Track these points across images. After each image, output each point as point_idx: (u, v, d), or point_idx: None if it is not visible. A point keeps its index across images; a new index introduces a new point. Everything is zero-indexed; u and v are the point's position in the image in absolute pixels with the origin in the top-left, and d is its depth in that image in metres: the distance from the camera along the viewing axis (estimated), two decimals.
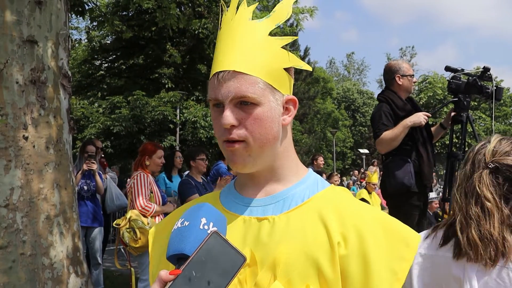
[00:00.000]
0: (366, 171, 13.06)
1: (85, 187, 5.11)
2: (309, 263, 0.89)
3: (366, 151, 33.70)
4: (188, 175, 5.05)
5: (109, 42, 19.15)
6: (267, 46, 0.95)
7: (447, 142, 4.36)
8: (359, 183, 15.22)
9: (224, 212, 0.99)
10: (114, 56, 19.57)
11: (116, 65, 19.66)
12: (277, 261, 0.89)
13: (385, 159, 3.81)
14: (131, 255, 4.34)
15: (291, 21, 20.49)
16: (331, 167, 32.13)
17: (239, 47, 0.94)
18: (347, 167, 38.43)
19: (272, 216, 0.96)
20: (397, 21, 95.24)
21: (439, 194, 7.04)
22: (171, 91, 17.04)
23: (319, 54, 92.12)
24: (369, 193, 8.63)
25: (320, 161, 8.49)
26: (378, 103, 3.92)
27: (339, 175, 13.11)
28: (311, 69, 1.03)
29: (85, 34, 16.60)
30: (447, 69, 3.88)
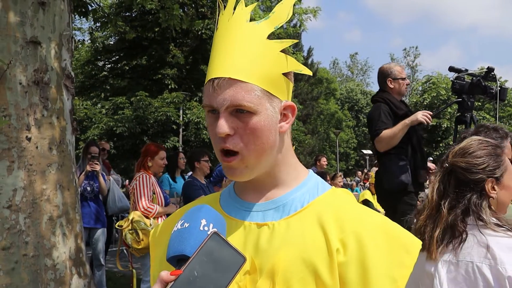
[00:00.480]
0: (369, 172, 13.03)
1: (88, 188, 5.10)
2: (308, 270, 0.88)
3: (369, 152, 33.59)
4: (192, 176, 5.05)
5: (112, 43, 19.19)
6: (265, 50, 0.91)
7: (451, 142, 4.35)
8: (362, 184, 15.19)
9: (224, 217, 0.97)
10: (117, 56, 19.60)
11: (119, 65, 19.68)
12: (276, 269, 0.89)
13: (381, 157, 3.82)
14: (133, 256, 4.34)
15: (294, 22, 20.51)
16: (334, 168, 32.11)
17: (236, 51, 0.90)
18: (350, 167, 38.42)
19: (272, 222, 0.94)
20: (400, 21, 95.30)
21: None
22: (174, 91, 17.06)
23: (323, 54, 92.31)
24: (373, 194, 8.57)
25: (323, 162, 8.47)
26: (374, 104, 3.96)
27: (342, 176, 13.08)
28: (311, 73, 0.99)
29: (88, 35, 16.69)
30: (451, 69, 3.87)
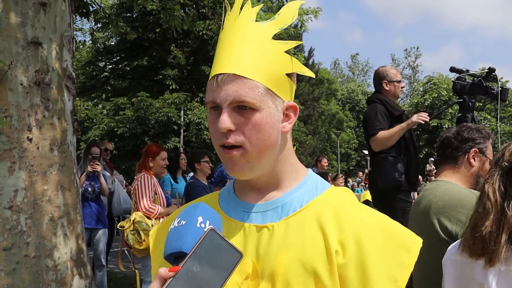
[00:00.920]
0: None
1: (90, 189, 5.10)
2: (308, 273, 0.88)
3: None
4: (193, 177, 5.06)
5: (113, 43, 19.24)
6: (270, 50, 0.93)
7: None
8: (363, 184, 15.18)
9: (224, 218, 0.98)
10: (118, 57, 19.65)
11: (120, 66, 19.72)
12: (277, 272, 0.89)
13: (375, 157, 3.85)
14: (135, 257, 4.34)
15: (295, 22, 20.52)
16: (335, 168, 32.10)
17: (241, 49, 0.92)
18: (351, 168, 38.39)
19: (271, 223, 0.94)
20: (401, 21, 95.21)
21: None
22: (175, 92, 17.10)
23: (323, 55, 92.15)
24: None
25: (324, 163, 8.46)
26: (369, 105, 4.01)
27: (344, 176, 13.06)
28: (314, 76, 1.01)
29: (89, 35, 16.66)
30: (452, 70, 3.87)
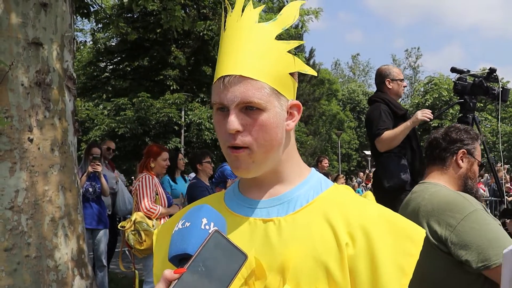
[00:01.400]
0: (371, 173, 13.02)
1: (90, 189, 5.11)
2: (318, 266, 0.89)
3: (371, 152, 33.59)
4: (196, 178, 5.06)
5: (114, 44, 19.22)
6: (273, 50, 0.94)
7: None
8: (364, 184, 15.17)
9: (229, 213, 0.99)
10: (119, 58, 19.64)
11: (121, 67, 19.73)
12: (286, 265, 0.90)
13: (379, 157, 3.81)
14: (136, 257, 4.34)
15: (296, 23, 20.53)
16: (336, 169, 32.07)
17: (246, 51, 0.93)
18: (352, 168, 38.37)
19: (277, 217, 0.96)
20: (402, 22, 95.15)
21: None
22: (176, 93, 17.08)
23: (324, 55, 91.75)
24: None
25: (324, 163, 8.45)
26: (371, 105, 3.96)
27: (344, 177, 13.06)
28: (316, 74, 1.02)
29: (90, 36, 16.70)
30: (453, 70, 3.87)
